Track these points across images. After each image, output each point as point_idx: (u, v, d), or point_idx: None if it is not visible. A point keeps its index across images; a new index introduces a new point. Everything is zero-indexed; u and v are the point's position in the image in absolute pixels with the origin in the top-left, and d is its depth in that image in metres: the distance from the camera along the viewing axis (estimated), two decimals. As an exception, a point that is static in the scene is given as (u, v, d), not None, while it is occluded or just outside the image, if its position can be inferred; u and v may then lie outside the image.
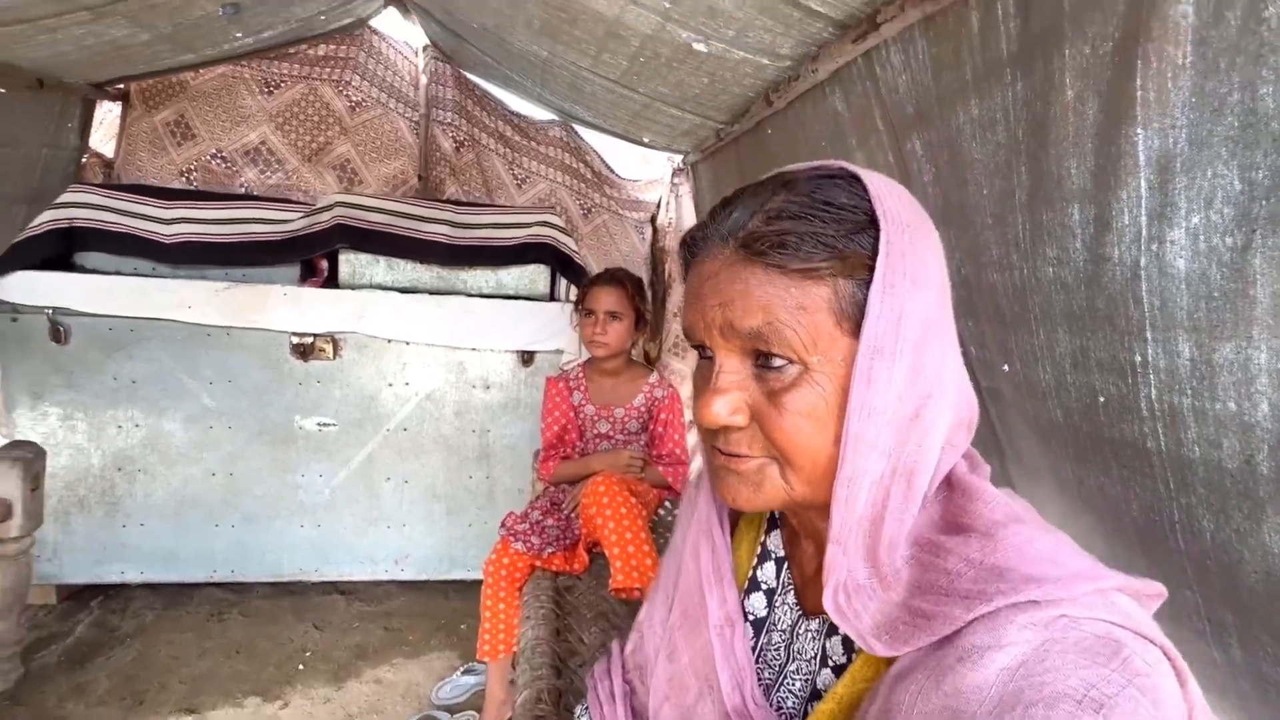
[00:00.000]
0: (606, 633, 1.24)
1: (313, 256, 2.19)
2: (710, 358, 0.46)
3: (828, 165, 0.45)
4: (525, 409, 2.21)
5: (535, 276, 2.24)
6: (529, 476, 2.09)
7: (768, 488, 0.45)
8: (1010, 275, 1.03)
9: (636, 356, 1.87)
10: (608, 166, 3.34)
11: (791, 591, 0.53)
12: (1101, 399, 0.90)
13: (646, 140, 2.85)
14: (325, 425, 2.14)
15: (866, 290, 0.41)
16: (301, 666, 1.95)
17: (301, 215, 2.17)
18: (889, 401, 0.41)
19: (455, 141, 3.24)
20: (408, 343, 2.12)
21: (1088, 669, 0.34)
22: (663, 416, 1.69)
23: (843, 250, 0.41)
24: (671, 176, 3.27)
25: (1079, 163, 0.82)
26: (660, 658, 0.58)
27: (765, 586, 0.55)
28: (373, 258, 2.15)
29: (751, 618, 0.55)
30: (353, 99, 3.12)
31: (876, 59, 1.22)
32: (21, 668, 1.76)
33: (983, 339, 1.18)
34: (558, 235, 2.26)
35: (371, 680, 1.92)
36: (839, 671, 0.47)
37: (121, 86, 2.95)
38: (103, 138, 3.05)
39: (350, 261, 2.16)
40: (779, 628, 0.53)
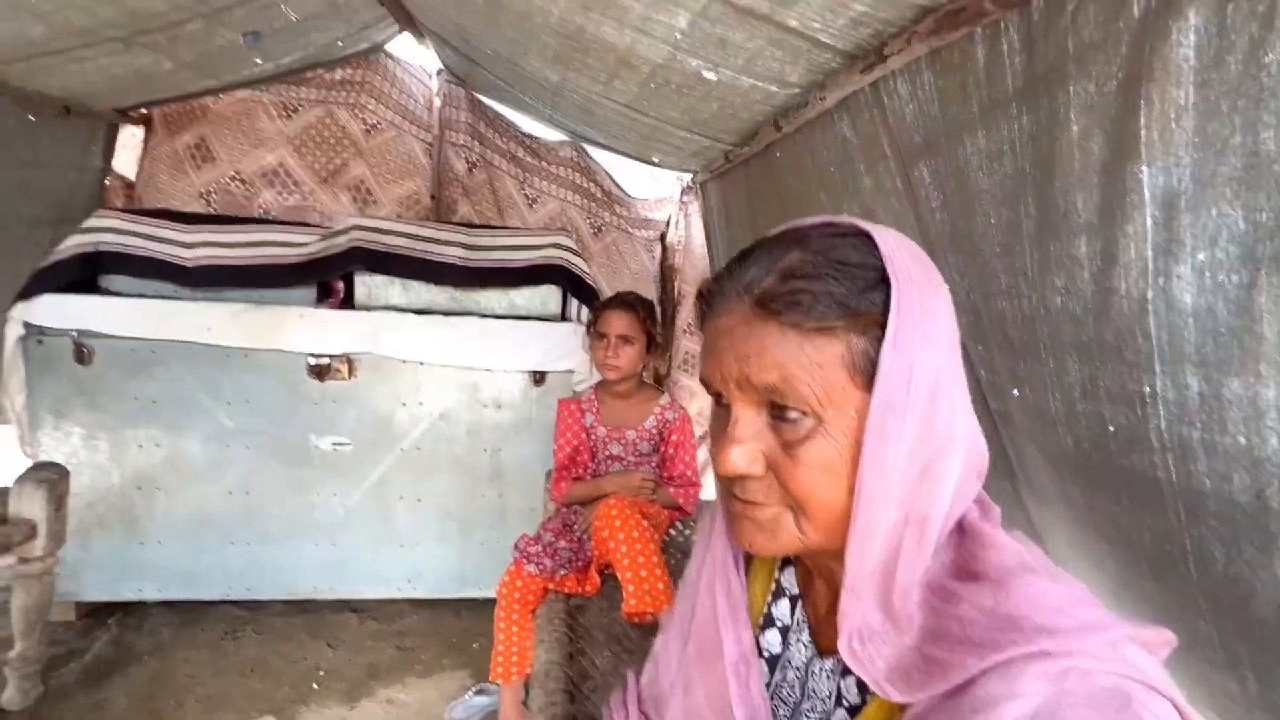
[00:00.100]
0: (619, 656, 1.24)
1: (329, 278, 2.23)
2: (727, 406, 0.48)
3: (839, 222, 0.47)
4: (537, 428, 2.23)
5: (547, 297, 2.27)
6: (540, 496, 2.10)
7: (783, 535, 0.46)
8: (1019, 303, 1.04)
9: (646, 375, 1.89)
10: (618, 186, 3.38)
11: (806, 629, 0.54)
12: (1111, 428, 0.90)
13: (656, 160, 2.88)
14: (340, 445, 2.17)
15: (878, 346, 0.43)
16: (315, 686, 1.96)
17: (319, 238, 2.22)
18: (901, 454, 0.43)
19: (468, 162, 3.30)
20: (422, 363, 2.15)
21: None
22: (674, 438, 1.71)
23: (855, 308, 0.43)
24: (680, 195, 3.30)
25: (1085, 197, 0.83)
26: (676, 692, 0.59)
27: (780, 623, 0.57)
28: (388, 279, 2.19)
29: (766, 654, 0.56)
30: (368, 122, 3.19)
31: (884, 88, 1.24)
32: (41, 686, 1.78)
33: (992, 364, 1.18)
34: (570, 257, 2.29)
35: (384, 700, 1.93)
36: (854, 713, 0.48)
37: (144, 111, 3.03)
38: (125, 160, 3.12)
39: (366, 283, 2.19)
40: (794, 665, 0.54)
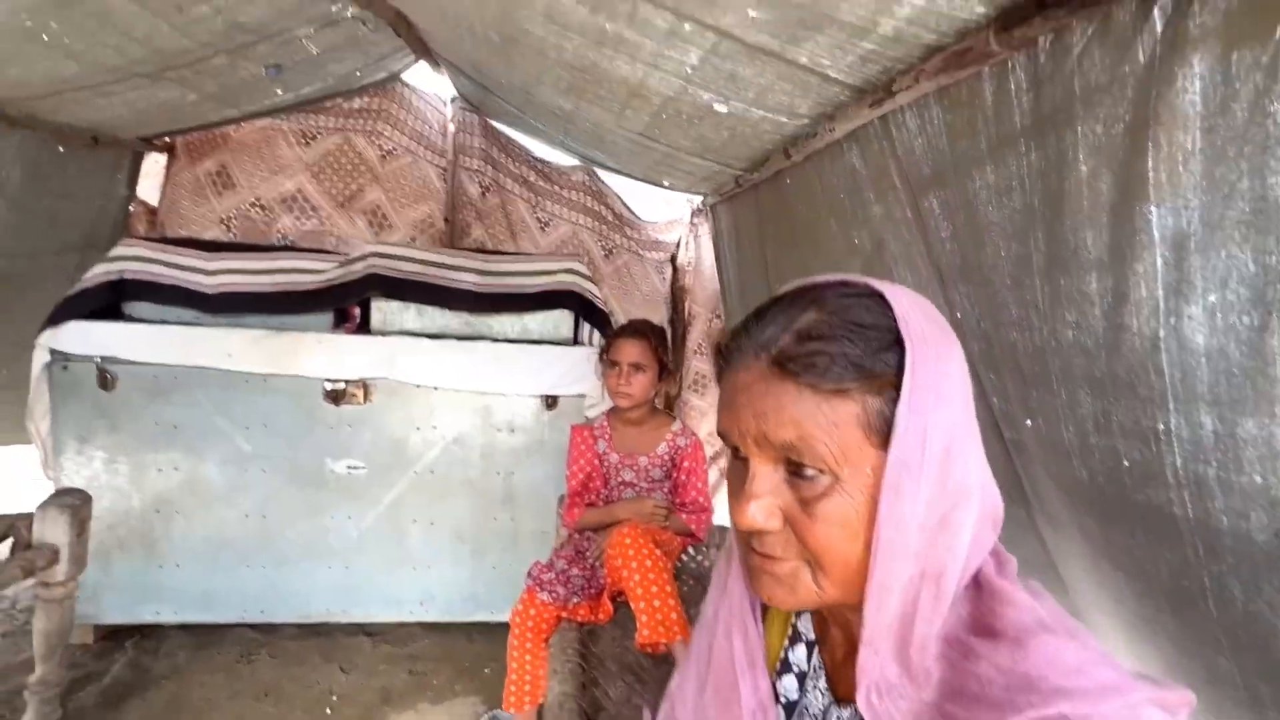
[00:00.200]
0: (633, 687, 1.24)
1: (347, 304, 2.27)
2: (744, 459, 0.49)
3: (853, 282, 0.48)
4: (549, 451, 2.24)
5: (560, 322, 2.29)
6: (553, 519, 2.10)
7: (801, 590, 0.47)
8: (1030, 335, 1.04)
9: (657, 400, 1.90)
10: (628, 208, 3.42)
11: (823, 676, 0.55)
12: (1126, 463, 0.90)
13: (667, 184, 2.91)
14: (355, 468, 2.19)
15: (893, 406, 0.44)
16: (329, 710, 1.96)
17: (336, 265, 2.26)
18: (917, 511, 0.43)
19: (481, 187, 3.35)
20: (436, 387, 2.18)
21: None
22: (685, 464, 1.71)
23: (870, 370, 0.44)
24: (691, 217, 3.33)
25: (1095, 234, 0.84)
26: (693, 734, 0.60)
27: (797, 669, 0.57)
28: (403, 305, 2.22)
29: (783, 700, 0.56)
30: (384, 148, 3.25)
31: (892, 121, 1.26)
32: (60, 710, 1.80)
33: (1005, 391, 1.18)
34: (581, 282, 2.32)
35: (397, 726, 1.93)
36: (872, 762, 0.49)
37: (168, 139, 3.11)
38: (149, 187, 3.20)
39: (382, 309, 2.23)
40: (810, 712, 0.55)
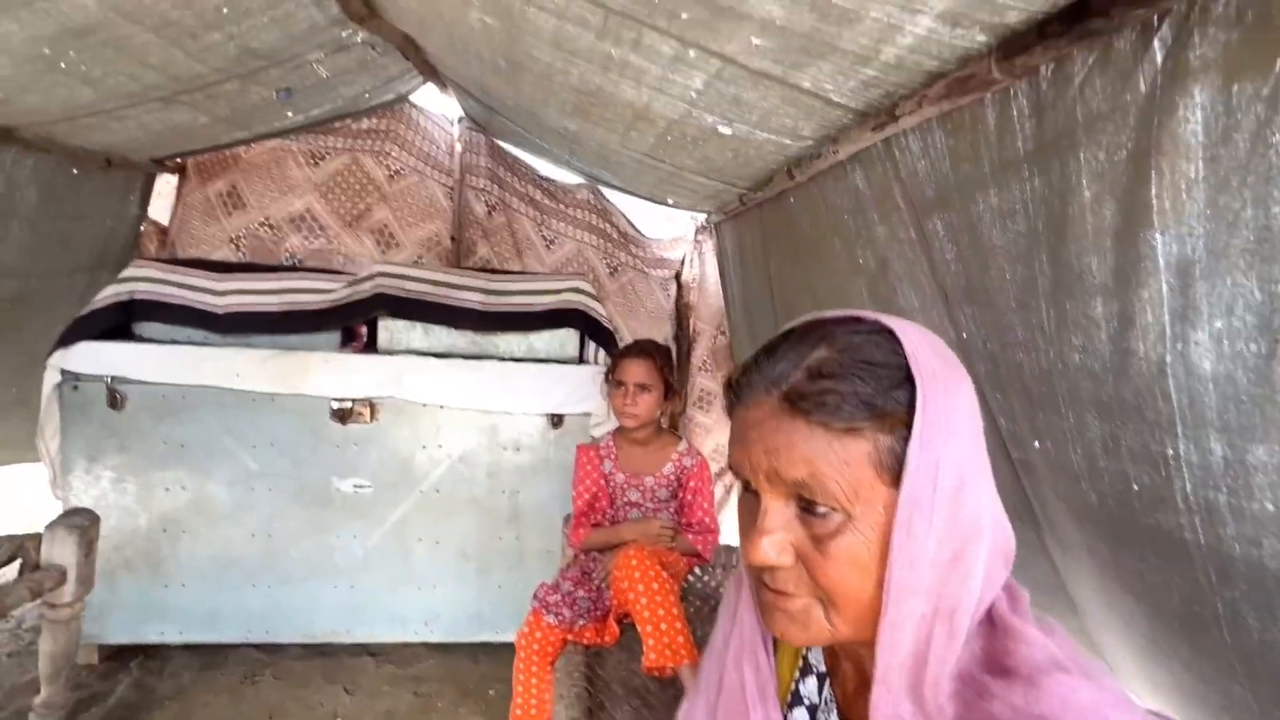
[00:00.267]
0: (639, 711, 1.23)
1: (354, 324, 2.28)
2: (755, 493, 0.49)
3: (864, 318, 0.48)
4: (555, 470, 2.24)
5: (565, 340, 2.30)
6: (558, 538, 2.10)
7: (814, 627, 0.47)
8: (1036, 357, 1.04)
9: (663, 418, 1.90)
10: (633, 226, 3.44)
11: (835, 710, 0.55)
12: (1135, 487, 0.90)
13: (671, 202, 2.94)
14: (361, 487, 2.19)
15: (904, 443, 0.44)
16: (332, 733, 1.95)
17: (344, 285, 2.28)
18: (929, 548, 0.43)
19: (487, 205, 3.38)
20: (442, 406, 2.18)
21: None
22: (692, 485, 1.71)
23: (881, 408, 0.44)
24: (695, 234, 3.35)
25: (1099, 260, 0.84)
26: (703, 766, 0.59)
27: (807, 701, 0.57)
28: (409, 324, 2.24)
29: (794, 733, 0.56)
30: (392, 168, 3.29)
31: (896, 144, 1.27)
32: (64, 731, 1.79)
33: (1012, 412, 1.18)
34: (587, 300, 2.33)
35: (401, 748, 1.92)
36: (883, 799, 0.48)
37: (179, 160, 3.16)
38: (160, 207, 3.24)
39: (388, 328, 2.25)
40: (821, 745, 0.54)
